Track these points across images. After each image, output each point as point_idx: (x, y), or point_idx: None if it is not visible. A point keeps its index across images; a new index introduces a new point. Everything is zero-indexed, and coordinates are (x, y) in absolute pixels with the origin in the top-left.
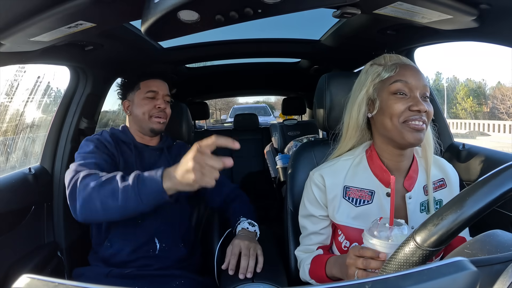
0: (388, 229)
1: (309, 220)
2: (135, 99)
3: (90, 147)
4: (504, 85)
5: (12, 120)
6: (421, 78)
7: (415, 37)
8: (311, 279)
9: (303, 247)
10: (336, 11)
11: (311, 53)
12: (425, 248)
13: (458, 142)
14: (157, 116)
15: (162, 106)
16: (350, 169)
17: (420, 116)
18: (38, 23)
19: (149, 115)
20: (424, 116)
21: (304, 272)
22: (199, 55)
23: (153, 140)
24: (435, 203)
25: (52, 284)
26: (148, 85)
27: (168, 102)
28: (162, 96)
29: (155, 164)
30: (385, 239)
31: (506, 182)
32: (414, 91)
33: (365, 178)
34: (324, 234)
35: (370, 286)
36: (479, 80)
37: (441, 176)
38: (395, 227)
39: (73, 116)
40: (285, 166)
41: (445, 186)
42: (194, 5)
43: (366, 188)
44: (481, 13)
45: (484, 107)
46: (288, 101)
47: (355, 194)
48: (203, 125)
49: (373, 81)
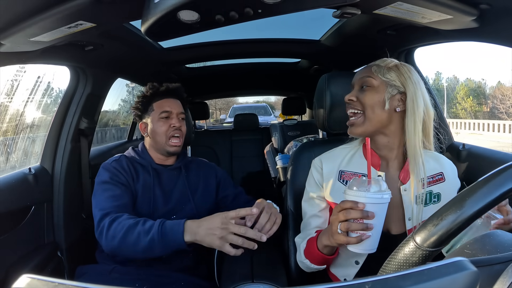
0: (366, 183)
1: (308, 203)
2: (150, 120)
3: (106, 177)
4: (504, 84)
5: (12, 120)
6: (360, 73)
7: (415, 37)
8: (306, 258)
9: (302, 233)
10: (336, 11)
11: (311, 53)
12: (425, 249)
13: (458, 142)
14: (173, 135)
15: (177, 124)
16: (346, 156)
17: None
18: (38, 23)
19: (166, 136)
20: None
21: (300, 254)
22: (199, 55)
23: (170, 159)
24: (433, 196)
25: (52, 284)
26: (161, 106)
27: (183, 119)
28: (176, 114)
29: (175, 186)
30: (364, 191)
31: (505, 182)
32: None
33: (359, 164)
34: (321, 217)
35: (370, 286)
36: (479, 80)
37: (440, 170)
38: (372, 182)
39: (73, 116)
40: (285, 166)
41: (444, 180)
42: (194, 5)
43: (359, 172)
44: (481, 13)
45: (484, 106)
46: (288, 101)
47: (348, 177)
48: (203, 125)
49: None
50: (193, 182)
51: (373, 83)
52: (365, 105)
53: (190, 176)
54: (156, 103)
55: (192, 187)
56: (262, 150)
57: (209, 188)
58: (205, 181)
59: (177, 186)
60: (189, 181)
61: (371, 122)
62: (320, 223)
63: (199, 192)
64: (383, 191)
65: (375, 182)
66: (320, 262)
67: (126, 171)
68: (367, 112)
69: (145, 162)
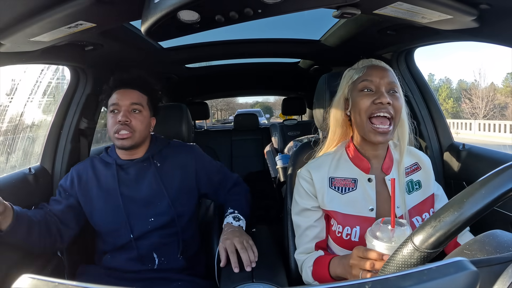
0: (390, 230)
1: (302, 216)
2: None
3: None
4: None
5: (12, 120)
6: (387, 76)
7: (415, 37)
8: (315, 281)
9: (301, 248)
10: (336, 11)
11: (311, 53)
12: (423, 250)
13: (458, 142)
14: (118, 131)
15: (122, 119)
16: (332, 163)
17: (385, 108)
18: (38, 23)
19: (112, 131)
20: (390, 108)
21: (307, 275)
22: (199, 55)
23: (138, 152)
24: (414, 184)
25: (52, 284)
26: (112, 99)
27: (136, 111)
28: (126, 107)
29: (144, 178)
30: (388, 240)
31: (504, 183)
32: (380, 87)
33: (347, 168)
34: (318, 226)
35: (370, 286)
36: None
37: (414, 161)
38: (396, 228)
39: (73, 116)
40: (285, 166)
41: (420, 169)
42: (194, 5)
43: (349, 177)
44: (481, 13)
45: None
46: (288, 101)
47: (340, 183)
48: (203, 125)
49: (347, 84)
50: (168, 174)
51: (399, 90)
52: (397, 112)
53: (164, 167)
54: (110, 97)
55: (166, 179)
56: (262, 150)
57: (188, 181)
58: (183, 172)
59: (147, 178)
60: (162, 172)
61: (395, 128)
62: (317, 232)
63: (176, 186)
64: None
65: (399, 229)
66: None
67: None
68: (396, 119)
69: (111, 160)
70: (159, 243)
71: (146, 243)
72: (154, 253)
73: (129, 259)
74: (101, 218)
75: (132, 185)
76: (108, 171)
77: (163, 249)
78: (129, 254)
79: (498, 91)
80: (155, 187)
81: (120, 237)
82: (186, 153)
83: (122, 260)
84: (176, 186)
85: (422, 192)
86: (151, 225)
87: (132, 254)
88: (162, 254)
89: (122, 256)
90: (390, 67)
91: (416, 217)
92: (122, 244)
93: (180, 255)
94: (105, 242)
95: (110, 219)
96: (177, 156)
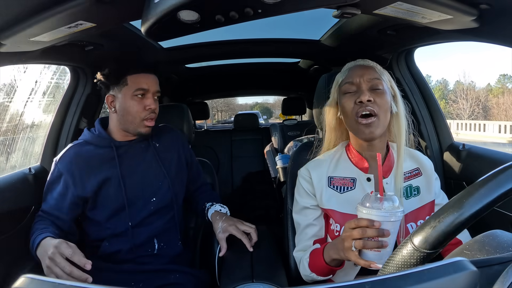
0: (379, 200)
1: (301, 214)
2: (122, 95)
3: (51, 179)
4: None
5: (12, 120)
6: (368, 74)
7: (415, 37)
8: (312, 272)
9: (300, 245)
10: (336, 11)
11: (311, 53)
12: (423, 251)
13: (458, 142)
14: (147, 119)
15: (153, 106)
16: (332, 162)
17: (367, 105)
18: (38, 23)
19: (139, 117)
20: (373, 105)
21: (304, 268)
22: (199, 55)
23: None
24: (413, 190)
25: (52, 284)
26: (137, 82)
27: (157, 100)
28: (153, 93)
29: (144, 158)
30: (377, 207)
31: (503, 183)
32: (361, 86)
33: (346, 168)
34: (317, 225)
35: (370, 286)
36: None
37: (416, 166)
38: (385, 198)
39: (73, 116)
40: (285, 166)
41: (421, 174)
42: (194, 5)
43: (348, 177)
44: (481, 13)
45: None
46: (288, 101)
47: (338, 183)
48: (203, 125)
49: (335, 88)
50: (166, 155)
51: (382, 85)
52: (381, 108)
53: (161, 147)
54: (131, 77)
55: (165, 160)
56: (262, 150)
57: (181, 163)
58: (178, 154)
59: (147, 161)
60: (160, 153)
61: (384, 125)
62: (316, 231)
63: (173, 167)
64: (396, 207)
65: (388, 199)
66: (326, 273)
67: (69, 170)
68: (381, 116)
69: (105, 143)
70: (158, 228)
71: (146, 229)
72: (155, 238)
73: (129, 243)
74: (102, 204)
75: (132, 166)
76: (105, 153)
77: (162, 234)
78: (128, 239)
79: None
80: (155, 167)
81: (121, 221)
82: (175, 136)
83: (121, 245)
84: (173, 167)
85: (420, 198)
86: (154, 206)
87: (131, 239)
88: (162, 240)
89: (122, 240)
90: (384, 66)
91: (411, 223)
92: (121, 230)
93: (179, 241)
94: (103, 229)
95: (111, 204)
96: (169, 138)
